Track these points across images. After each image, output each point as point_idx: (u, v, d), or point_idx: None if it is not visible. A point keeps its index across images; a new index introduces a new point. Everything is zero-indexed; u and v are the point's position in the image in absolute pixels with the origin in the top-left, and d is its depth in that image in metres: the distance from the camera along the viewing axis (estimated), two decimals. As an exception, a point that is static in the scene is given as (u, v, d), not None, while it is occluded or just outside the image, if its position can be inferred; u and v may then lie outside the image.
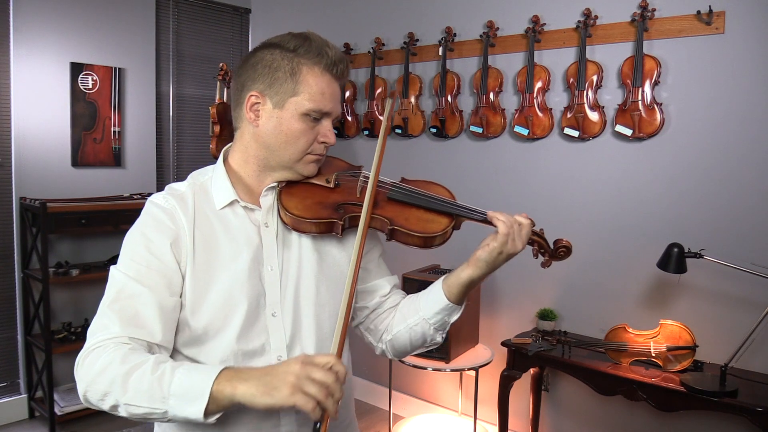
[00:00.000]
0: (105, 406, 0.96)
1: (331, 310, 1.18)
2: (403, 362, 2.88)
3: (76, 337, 3.32)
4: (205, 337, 1.09)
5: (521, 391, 2.98)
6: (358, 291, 1.27)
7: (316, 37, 1.14)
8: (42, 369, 3.26)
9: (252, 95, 1.13)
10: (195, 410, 0.90)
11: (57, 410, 3.21)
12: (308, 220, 1.13)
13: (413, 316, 1.21)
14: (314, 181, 1.19)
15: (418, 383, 3.51)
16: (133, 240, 1.10)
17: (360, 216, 1.11)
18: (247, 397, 0.90)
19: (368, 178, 1.18)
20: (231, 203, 1.14)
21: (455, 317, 1.20)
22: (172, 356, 1.10)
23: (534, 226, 1.16)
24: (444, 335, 1.23)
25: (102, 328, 1.02)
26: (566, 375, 2.75)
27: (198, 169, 1.22)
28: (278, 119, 1.12)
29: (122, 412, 0.95)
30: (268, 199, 1.17)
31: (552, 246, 1.20)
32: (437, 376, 3.41)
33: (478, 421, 2.97)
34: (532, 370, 2.87)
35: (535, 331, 2.82)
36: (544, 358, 2.62)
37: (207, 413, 0.90)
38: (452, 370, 2.91)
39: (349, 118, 3.69)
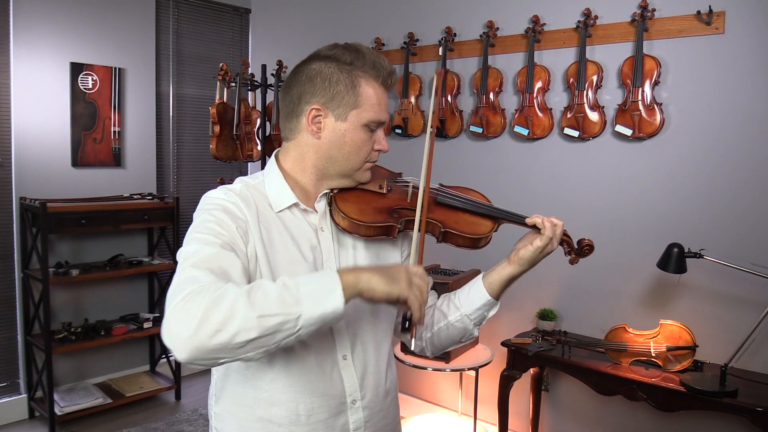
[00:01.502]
0: (226, 335, 0.88)
1: (386, 311, 1.24)
2: (403, 362, 2.88)
3: (76, 337, 3.32)
4: None
5: (521, 391, 2.98)
6: None
7: (367, 50, 1.18)
8: (42, 369, 3.25)
9: (313, 108, 1.16)
10: (332, 303, 0.93)
11: (57, 410, 3.21)
12: (367, 223, 1.17)
13: (454, 313, 1.27)
14: (367, 187, 1.25)
15: (418, 383, 3.51)
16: (201, 221, 1.07)
17: (413, 220, 1.17)
18: (370, 283, 0.97)
19: (415, 185, 1.27)
20: (290, 206, 1.18)
21: (494, 311, 1.27)
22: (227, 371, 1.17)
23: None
24: (479, 330, 1.30)
25: (191, 281, 0.94)
26: (566, 375, 2.75)
27: (245, 176, 1.23)
28: (342, 132, 1.16)
29: (251, 333, 0.89)
30: (322, 205, 1.22)
31: (577, 245, 1.28)
32: (437, 376, 3.41)
33: (478, 421, 2.97)
34: (532, 370, 2.87)
35: (535, 331, 2.82)
36: (544, 358, 2.62)
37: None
38: (452, 370, 2.91)
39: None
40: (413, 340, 1.13)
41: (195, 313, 0.88)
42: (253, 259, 1.09)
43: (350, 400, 1.17)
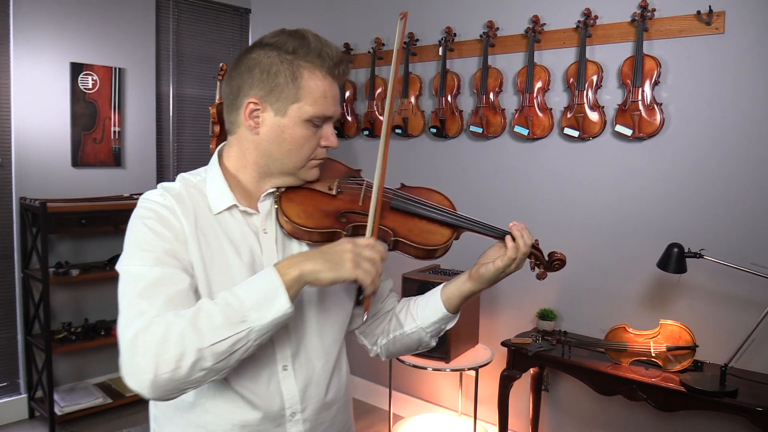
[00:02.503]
0: (183, 369, 0.88)
1: (335, 318, 1.17)
2: (403, 362, 2.88)
3: (76, 337, 3.32)
4: None
5: (521, 391, 2.98)
6: None
7: (314, 37, 1.08)
8: (42, 369, 3.26)
9: (250, 102, 1.08)
10: (279, 306, 0.91)
11: (57, 410, 3.21)
12: (311, 229, 1.09)
13: (410, 324, 1.22)
14: (316, 187, 1.15)
15: (418, 383, 3.51)
16: (138, 232, 1.02)
17: (363, 225, 1.09)
18: (313, 273, 0.93)
19: (371, 185, 1.14)
20: (229, 208, 1.10)
21: (451, 325, 1.22)
22: None
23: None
24: (437, 340, 1.25)
25: (138, 315, 0.92)
26: (566, 375, 2.75)
27: (186, 172, 1.17)
28: (280, 127, 1.08)
29: (207, 362, 0.89)
30: (267, 205, 1.13)
31: (547, 258, 1.19)
32: (437, 376, 3.41)
33: (478, 421, 2.97)
34: (532, 370, 2.87)
35: (535, 331, 2.82)
36: (544, 358, 2.62)
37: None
38: (452, 370, 2.91)
39: (349, 118, 3.69)
40: (366, 313, 1.06)
41: (147, 354, 0.88)
42: (191, 270, 1.03)
43: (289, 413, 1.10)
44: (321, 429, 1.15)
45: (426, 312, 1.20)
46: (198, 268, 1.04)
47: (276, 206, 1.13)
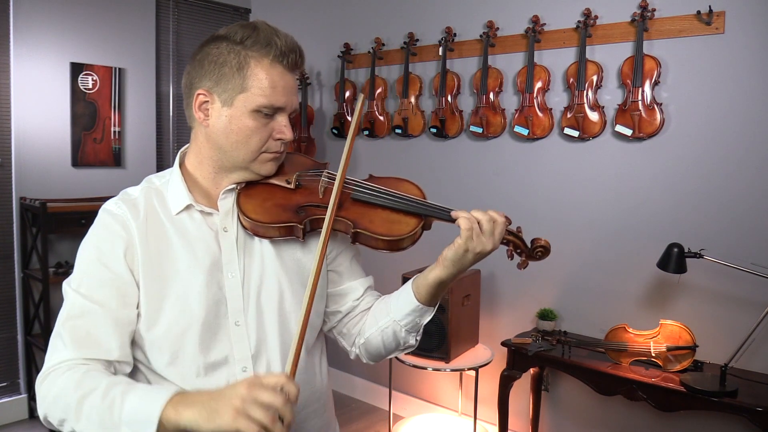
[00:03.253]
0: (64, 430, 0.97)
1: (298, 317, 1.10)
2: (403, 362, 2.88)
3: (76, 337, 3.32)
4: (165, 350, 1.05)
5: (521, 391, 2.98)
6: (329, 294, 1.23)
7: (265, 27, 1.06)
8: (42, 369, 3.26)
9: (200, 93, 1.07)
10: None
11: (57, 410, 3.21)
12: (267, 224, 1.06)
13: (384, 318, 1.15)
14: (274, 181, 1.13)
15: (418, 383, 3.51)
16: (86, 252, 1.07)
17: (323, 219, 1.05)
18: (192, 423, 0.86)
19: (331, 177, 1.11)
20: (187, 208, 1.10)
21: (427, 319, 1.14)
22: (135, 371, 1.08)
23: (510, 224, 1.08)
24: (418, 338, 1.17)
25: (55, 351, 1.00)
26: (566, 375, 2.75)
27: (155, 173, 1.17)
28: (228, 118, 1.06)
29: None
30: (227, 203, 1.12)
31: (529, 245, 1.10)
32: (437, 376, 3.41)
33: (478, 421, 2.97)
34: (532, 370, 2.87)
35: (535, 331, 2.82)
36: (544, 358, 2.62)
37: None
38: (452, 370, 2.91)
39: (349, 118, 3.69)
40: None
41: (44, 400, 0.98)
42: (141, 277, 1.05)
43: None
44: None
45: (398, 304, 1.13)
46: (142, 275, 1.05)
47: (236, 204, 1.11)
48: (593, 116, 2.74)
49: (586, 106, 2.74)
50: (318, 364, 1.22)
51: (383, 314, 1.16)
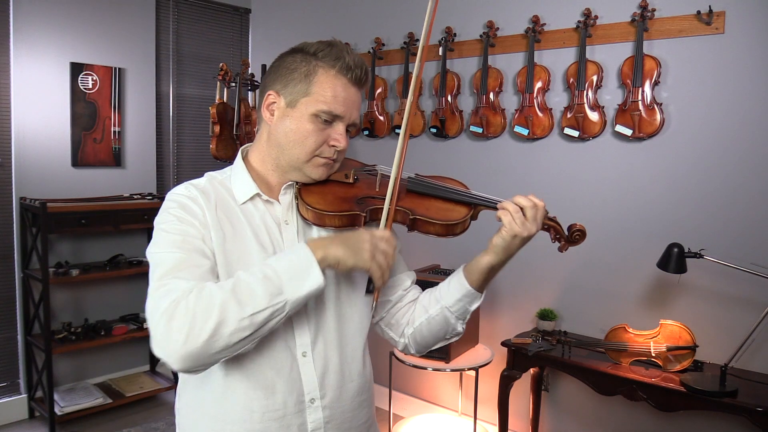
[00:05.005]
0: (221, 337, 0.93)
1: (353, 306, 1.20)
2: (403, 362, 2.88)
3: (76, 337, 3.32)
4: None
5: (521, 391, 2.98)
6: None
7: (339, 43, 1.16)
8: (42, 369, 3.26)
9: (269, 94, 1.16)
10: (314, 280, 0.99)
11: (57, 410, 3.21)
12: (331, 213, 1.14)
13: (434, 306, 1.22)
14: (332, 177, 1.21)
15: (418, 383, 3.51)
16: (162, 220, 1.09)
17: (382, 208, 1.14)
18: (336, 257, 1.01)
19: (386, 173, 1.22)
20: (252, 198, 1.16)
21: (476, 305, 1.20)
22: None
23: (547, 213, 1.16)
24: (464, 325, 1.23)
25: (167, 293, 0.97)
26: (566, 375, 2.75)
27: (212, 171, 1.23)
28: (290, 118, 1.14)
29: (245, 332, 0.95)
30: (287, 197, 1.19)
31: (567, 231, 1.21)
32: (437, 376, 3.41)
33: (478, 421, 2.97)
34: (532, 370, 2.87)
35: (535, 331, 2.82)
36: (544, 358, 2.62)
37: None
38: (452, 370, 2.91)
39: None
40: (375, 303, 1.16)
41: (184, 323, 0.92)
42: (211, 255, 1.08)
43: (308, 399, 1.12)
44: (341, 419, 1.17)
45: (449, 290, 1.20)
46: (219, 254, 1.09)
47: (296, 198, 1.18)
48: (593, 116, 2.74)
49: (586, 106, 2.74)
50: (368, 358, 1.27)
51: (433, 303, 1.23)
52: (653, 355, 2.40)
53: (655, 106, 2.56)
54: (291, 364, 1.12)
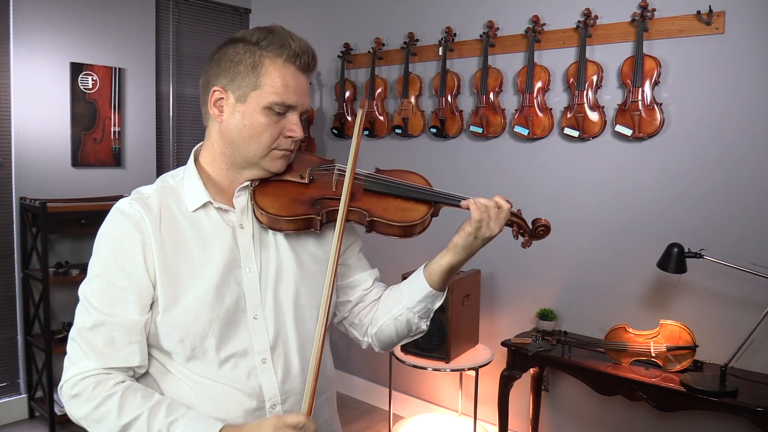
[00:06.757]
0: None
1: (312, 308, 1.17)
2: (402, 362, 2.88)
3: (76, 337, 3.32)
4: (186, 346, 1.07)
5: (521, 391, 2.98)
6: (340, 287, 1.27)
7: (281, 30, 1.11)
8: (42, 369, 3.26)
9: (215, 90, 1.11)
10: None
11: (57, 410, 3.21)
12: (285, 217, 1.10)
13: (397, 306, 1.20)
14: (287, 177, 1.17)
15: (418, 383, 3.51)
16: (100, 254, 1.09)
17: (337, 210, 1.10)
18: None
19: (342, 171, 1.17)
20: (204, 205, 1.12)
21: (438, 304, 1.19)
22: (160, 370, 1.11)
23: (511, 207, 1.14)
24: (428, 323, 1.22)
25: (76, 359, 1.04)
26: (566, 375, 2.75)
27: (168, 172, 1.19)
28: (241, 114, 1.10)
29: None
30: (242, 200, 1.14)
31: (531, 226, 1.17)
32: (437, 376, 3.41)
33: (478, 421, 2.97)
34: (532, 370, 2.87)
35: (535, 331, 2.82)
36: (544, 358, 2.62)
37: None
38: (452, 370, 2.91)
39: (349, 118, 3.69)
40: None
41: (84, 414, 1.02)
42: (158, 276, 1.06)
43: (269, 405, 1.10)
44: None
45: (411, 291, 1.18)
46: (161, 273, 1.06)
47: (252, 201, 1.14)
48: (593, 116, 2.74)
49: (586, 106, 2.74)
50: (328, 356, 1.25)
51: (395, 303, 1.20)
52: (653, 355, 2.40)
53: (655, 106, 2.56)
54: (249, 372, 1.09)
